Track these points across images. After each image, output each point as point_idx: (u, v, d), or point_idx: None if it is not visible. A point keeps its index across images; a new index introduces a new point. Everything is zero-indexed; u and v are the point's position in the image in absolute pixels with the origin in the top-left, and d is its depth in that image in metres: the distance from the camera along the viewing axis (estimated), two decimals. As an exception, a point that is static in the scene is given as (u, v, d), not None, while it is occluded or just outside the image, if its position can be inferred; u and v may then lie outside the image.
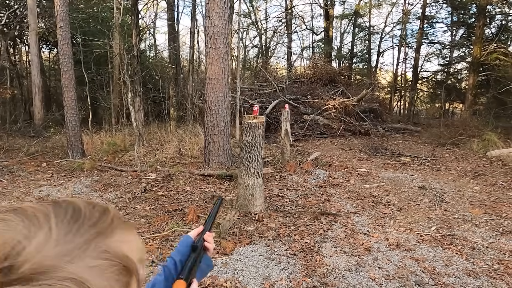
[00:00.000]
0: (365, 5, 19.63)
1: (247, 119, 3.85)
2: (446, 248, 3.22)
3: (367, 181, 5.75)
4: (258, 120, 3.83)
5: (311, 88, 13.92)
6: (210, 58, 5.81)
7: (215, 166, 6.00)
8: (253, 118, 3.84)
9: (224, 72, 5.89)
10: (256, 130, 3.78)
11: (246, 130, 3.79)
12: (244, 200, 3.94)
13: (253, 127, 3.76)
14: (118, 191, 4.99)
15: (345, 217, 4.07)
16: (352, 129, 11.53)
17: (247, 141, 3.80)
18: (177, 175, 5.75)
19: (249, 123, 3.77)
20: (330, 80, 15.40)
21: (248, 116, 3.88)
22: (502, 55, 12.96)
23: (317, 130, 11.21)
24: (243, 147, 3.84)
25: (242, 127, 3.83)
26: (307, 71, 16.35)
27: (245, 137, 3.81)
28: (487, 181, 5.69)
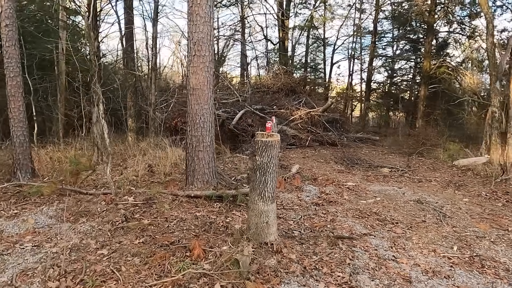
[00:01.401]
0: (320, 17, 20.22)
1: (260, 137, 3.40)
2: (482, 272, 3.07)
3: (360, 196, 5.59)
4: (273, 138, 3.41)
5: (275, 98, 13.79)
6: (194, 67, 5.26)
7: (200, 185, 5.41)
8: (267, 136, 3.41)
9: (209, 82, 5.37)
10: (272, 149, 3.36)
11: (260, 150, 3.34)
12: (257, 229, 3.47)
13: (269, 146, 3.33)
14: (93, 221, 4.20)
15: (361, 240, 3.79)
16: (319, 140, 11.54)
17: (262, 162, 3.35)
18: (159, 197, 5.06)
19: (264, 141, 3.33)
20: (291, 90, 15.44)
21: (262, 134, 3.44)
22: (448, 70, 14.02)
23: (286, 141, 11.02)
24: (257, 168, 3.38)
25: (256, 146, 3.38)
26: (268, 80, 16.23)
27: (259, 157, 3.35)
28: (470, 191, 5.85)
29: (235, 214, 4.61)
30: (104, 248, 3.47)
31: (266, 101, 13.33)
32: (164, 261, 3.20)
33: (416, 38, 17.12)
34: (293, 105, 12.69)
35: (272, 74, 17.09)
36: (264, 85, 15.75)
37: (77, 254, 3.35)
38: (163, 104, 11.56)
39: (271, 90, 14.96)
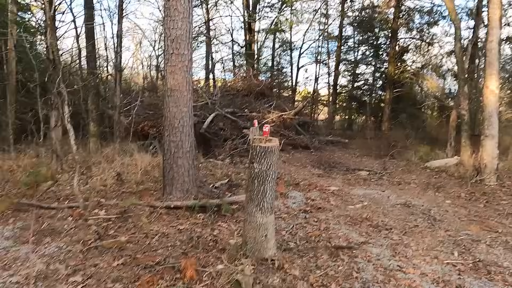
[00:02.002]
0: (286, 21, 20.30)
1: (259, 142, 3.09)
2: (491, 279, 2.98)
3: (347, 201, 5.45)
4: (272, 143, 3.11)
5: (246, 101, 13.51)
6: (172, 66, 4.84)
7: (179, 195, 4.97)
8: (265, 141, 3.11)
9: (188, 83, 4.97)
10: (272, 155, 3.06)
11: (259, 156, 3.03)
12: (255, 244, 3.15)
13: (268, 152, 3.03)
14: (60, 241, 3.63)
15: (361, 249, 3.60)
16: (292, 143, 11.43)
17: (261, 170, 3.04)
18: (134, 210, 4.57)
19: (263, 147, 3.02)
20: (261, 93, 15.26)
21: (260, 139, 3.13)
22: (410, 74, 14.57)
23: (259, 145, 10.75)
24: (255, 177, 3.07)
25: (253, 152, 3.06)
26: (236, 83, 15.92)
27: (257, 164, 3.04)
28: (449, 193, 5.93)
29: (222, 226, 4.25)
30: (77, 274, 2.97)
31: (236, 104, 13.01)
32: (152, 286, 2.78)
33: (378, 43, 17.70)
34: (264, 108, 12.50)
35: (240, 77, 16.83)
36: (233, 88, 15.43)
37: (45, 283, 2.83)
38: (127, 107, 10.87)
39: (240, 93, 14.69)
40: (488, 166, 6.32)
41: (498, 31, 6.27)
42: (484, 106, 6.46)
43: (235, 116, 11.92)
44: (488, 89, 6.34)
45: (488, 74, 6.36)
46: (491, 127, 6.33)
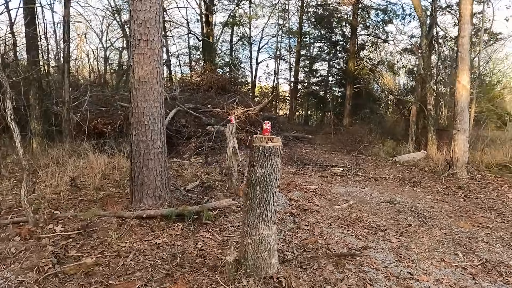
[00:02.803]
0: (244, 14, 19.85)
1: (259, 142, 2.64)
2: (507, 282, 2.84)
3: (331, 201, 5.19)
4: (275, 142, 2.68)
5: (208, 96, 12.88)
6: (140, 55, 4.18)
7: (151, 202, 4.35)
8: (267, 140, 2.67)
9: (159, 74, 4.35)
10: (276, 157, 2.63)
11: (261, 158, 2.59)
12: (257, 260, 2.70)
13: (273, 153, 2.60)
14: (7, 268, 2.90)
15: (364, 256, 3.31)
16: (259, 140, 11.04)
17: (264, 174, 2.60)
18: (99, 223, 3.89)
19: (267, 148, 2.58)
20: (222, 88, 14.71)
21: (260, 138, 2.68)
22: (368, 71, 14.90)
23: (225, 142, 10.22)
24: (257, 182, 2.62)
25: (255, 153, 2.60)
26: (196, 78, 15.16)
27: (260, 168, 2.59)
28: (427, 188, 5.94)
29: (205, 237, 3.74)
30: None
31: (198, 100, 12.34)
32: (138, 324, 2.23)
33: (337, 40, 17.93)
34: (228, 104, 11.97)
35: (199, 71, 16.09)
36: (192, 82, 14.69)
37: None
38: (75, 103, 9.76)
39: (201, 88, 14.02)
40: (460, 160, 6.47)
41: (469, 26, 6.42)
42: (456, 100, 6.60)
43: (198, 112, 11.28)
44: (460, 84, 6.48)
45: (460, 69, 6.50)
46: (463, 121, 6.48)
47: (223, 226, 4.05)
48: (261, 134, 2.79)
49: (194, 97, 12.63)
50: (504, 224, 4.20)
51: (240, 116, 11.40)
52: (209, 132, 10.45)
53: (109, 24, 18.66)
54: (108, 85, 16.67)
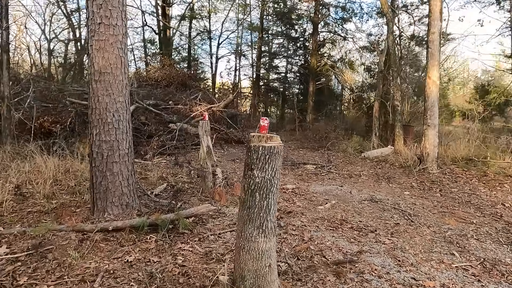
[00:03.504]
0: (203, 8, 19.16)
1: (258, 141, 2.27)
2: (511, 283, 2.74)
3: (312, 201, 4.95)
4: (274, 141, 2.32)
5: (168, 92, 12.16)
6: (101, 41, 3.60)
7: (117, 211, 3.79)
8: (266, 139, 2.30)
9: (123, 64, 3.79)
10: (277, 158, 2.28)
11: (261, 161, 2.21)
12: (257, 278, 2.33)
13: (274, 154, 2.24)
14: None
15: (362, 262, 3.08)
16: (224, 138, 10.63)
17: (264, 179, 2.23)
18: (54, 240, 3.27)
19: (267, 148, 2.21)
20: (182, 84, 14.03)
21: (258, 136, 2.30)
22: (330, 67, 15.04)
23: (189, 140, 9.68)
24: (255, 189, 2.24)
25: (252, 155, 2.22)
26: (154, 73, 14.30)
27: (260, 172, 2.22)
28: (401, 184, 5.93)
29: (185, 249, 3.29)
30: None
31: (158, 96, 11.59)
32: None
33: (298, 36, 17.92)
34: (191, 100, 11.37)
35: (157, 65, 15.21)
36: (151, 77, 13.83)
37: None
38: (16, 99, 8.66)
39: (160, 84, 13.23)
40: (430, 154, 6.58)
41: (439, 22, 6.52)
42: (426, 96, 6.69)
43: (159, 109, 10.57)
44: (431, 79, 6.58)
45: (430, 65, 6.59)
46: (433, 117, 6.58)
47: (202, 235, 3.61)
48: (258, 132, 2.40)
49: (153, 93, 11.85)
50: (486, 219, 4.22)
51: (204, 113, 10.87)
52: (172, 130, 9.83)
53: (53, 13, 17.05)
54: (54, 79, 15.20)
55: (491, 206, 4.72)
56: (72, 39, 18.06)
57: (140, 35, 21.27)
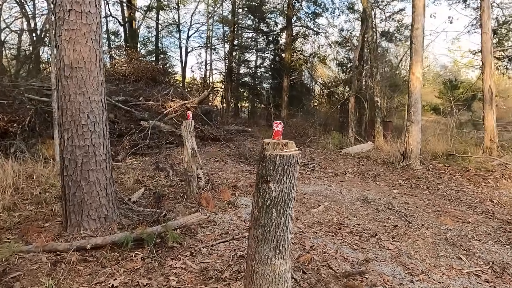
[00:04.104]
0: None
1: (273, 149, 1.96)
2: (526, 288, 2.65)
3: (303, 203, 4.73)
4: (290, 148, 2.03)
5: (137, 88, 11.46)
6: (72, 31, 3.11)
7: (95, 226, 3.35)
8: (281, 146, 2.00)
9: (98, 57, 3.33)
10: (295, 169, 1.98)
11: (279, 172, 1.91)
12: (273, 305, 2.04)
13: (293, 163, 1.94)
14: None
15: (372, 272, 2.89)
16: (200, 135, 10.16)
17: (282, 193, 1.93)
18: (21, 264, 2.79)
19: (286, 157, 1.91)
20: (152, 78, 13.34)
21: (274, 144, 1.99)
22: (303, 62, 14.94)
23: (163, 139, 9.16)
24: (272, 204, 1.94)
25: (269, 165, 1.91)
26: (121, 67, 13.44)
27: (277, 185, 1.92)
28: (388, 181, 5.88)
29: (177, 267, 2.94)
30: None
31: (127, 92, 10.88)
32: None
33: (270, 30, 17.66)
34: (163, 96, 10.77)
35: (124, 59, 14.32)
36: (118, 72, 13.00)
37: None
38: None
39: (128, 79, 12.47)
40: (414, 151, 6.59)
41: (423, 18, 6.51)
42: (410, 92, 6.68)
43: (129, 106, 9.91)
44: (414, 75, 6.57)
45: (414, 61, 6.58)
46: (416, 113, 6.59)
47: (194, 249, 3.27)
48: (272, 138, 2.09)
49: (121, 89, 11.13)
50: (480, 217, 4.21)
51: (178, 110, 10.36)
52: (144, 128, 9.24)
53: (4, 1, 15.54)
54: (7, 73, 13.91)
55: (480, 203, 4.74)
56: (27, 29, 16.61)
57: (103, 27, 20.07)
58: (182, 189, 5.00)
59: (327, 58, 16.69)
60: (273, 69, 17.15)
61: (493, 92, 7.98)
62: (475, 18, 11.37)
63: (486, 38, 8.06)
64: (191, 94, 12.48)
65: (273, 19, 16.50)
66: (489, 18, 8.19)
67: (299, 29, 16.26)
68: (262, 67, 18.51)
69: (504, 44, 10.75)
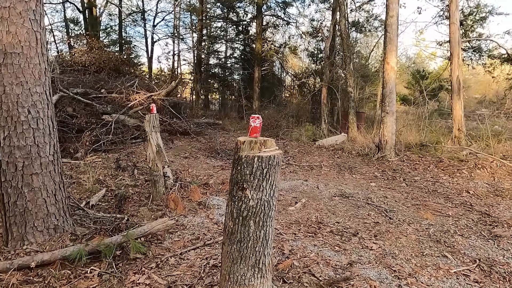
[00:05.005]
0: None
1: (250, 149, 1.63)
2: (517, 287, 2.52)
3: (279, 200, 4.46)
4: (269, 147, 1.71)
5: (99, 79, 10.67)
6: (4, 8, 2.59)
7: (42, 238, 2.89)
8: (259, 146, 1.67)
9: (40, 41, 2.83)
10: (276, 172, 1.67)
11: (257, 177, 1.59)
12: (252, 332, 1.73)
13: (273, 166, 1.63)
14: None
15: (357, 277, 2.66)
16: (168, 129, 9.64)
17: (261, 201, 1.62)
18: None
19: (265, 159, 1.59)
20: (115, 69, 12.55)
21: (250, 142, 1.66)
22: (274, 53, 14.65)
23: (128, 134, 8.56)
24: (249, 216, 1.62)
25: (244, 169, 1.58)
26: (80, 57, 12.50)
27: (255, 191, 1.60)
28: (364, 174, 5.74)
29: (140, 283, 2.57)
30: None
31: (88, 84, 10.09)
32: None
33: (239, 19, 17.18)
34: (127, 88, 10.10)
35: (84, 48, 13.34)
36: (77, 62, 12.08)
37: None
38: None
39: (89, 69, 11.61)
40: (388, 142, 6.50)
41: (397, 6, 6.36)
42: (385, 82, 6.56)
43: (89, 99, 9.17)
44: (389, 65, 6.44)
45: (388, 50, 6.44)
46: (391, 103, 6.49)
47: (160, 259, 2.90)
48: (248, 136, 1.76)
49: (81, 80, 10.31)
50: (459, 210, 4.12)
51: (144, 102, 9.76)
52: (107, 122, 8.59)
53: None
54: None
55: (457, 195, 4.69)
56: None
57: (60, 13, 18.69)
58: (148, 189, 4.57)
59: (298, 49, 16.50)
60: (243, 60, 16.73)
61: (461, 82, 8.08)
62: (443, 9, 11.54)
63: (454, 28, 8.11)
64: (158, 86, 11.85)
65: (243, 7, 16.01)
66: (457, 8, 8.23)
67: (269, 19, 15.92)
68: (232, 58, 18.03)
69: (470, 35, 10.98)
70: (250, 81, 15.58)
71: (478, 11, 11.11)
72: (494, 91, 13.27)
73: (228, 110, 18.39)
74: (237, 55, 17.77)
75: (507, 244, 3.21)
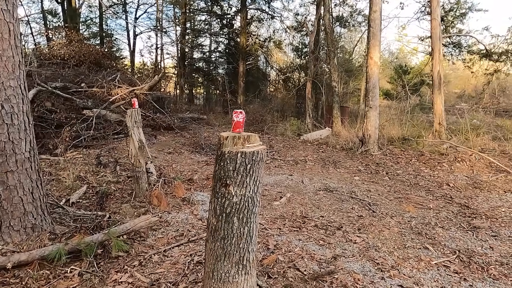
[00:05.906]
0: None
1: (233, 144, 1.61)
2: (495, 278, 2.61)
3: (264, 195, 4.45)
4: (252, 143, 1.69)
5: (79, 73, 10.36)
6: (-27, -3, 2.47)
7: (19, 238, 2.79)
8: (242, 141, 1.65)
9: (13, 33, 2.70)
10: (260, 168, 1.65)
11: (240, 173, 1.57)
12: (237, 329, 1.72)
13: (257, 162, 1.61)
14: None
15: (341, 271, 2.68)
16: (152, 124, 9.49)
17: (245, 197, 1.60)
18: None
19: (249, 155, 1.57)
20: (96, 63, 12.23)
21: (233, 138, 1.63)
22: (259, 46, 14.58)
23: (110, 129, 8.37)
24: (232, 212, 1.60)
25: (228, 165, 1.55)
26: (59, 50, 12.11)
27: (238, 188, 1.57)
28: (348, 168, 5.79)
29: (122, 281, 2.52)
30: None
31: (67, 78, 9.79)
32: None
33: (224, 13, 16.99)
34: (108, 82, 9.85)
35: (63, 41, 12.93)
36: (55, 55, 11.70)
37: None
38: None
39: (68, 63, 11.27)
40: (372, 136, 6.58)
41: (380, 1, 6.40)
42: (368, 77, 6.61)
43: (69, 93, 8.91)
44: (372, 60, 6.49)
45: (372, 44, 6.49)
46: (374, 98, 6.55)
47: (143, 257, 2.85)
48: (231, 131, 1.73)
49: (60, 74, 9.99)
50: (440, 203, 4.21)
51: (126, 97, 9.55)
52: (87, 117, 8.37)
53: None
54: None
55: (438, 187, 4.79)
56: None
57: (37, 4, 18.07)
58: (131, 186, 4.48)
59: (282, 43, 16.47)
60: (228, 54, 16.59)
61: (442, 77, 8.24)
62: (424, 5, 11.70)
63: (435, 24, 8.24)
64: (141, 80, 11.61)
65: (227, 1, 15.83)
66: (438, 4, 8.37)
67: (254, 13, 15.80)
68: (216, 52, 17.86)
69: (450, 31, 11.20)
70: (235, 76, 15.48)
71: (458, 7, 11.34)
72: (473, 86, 13.62)
73: (212, 104, 18.24)
74: (221, 49, 17.62)
75: (485, 235, 3.31)
